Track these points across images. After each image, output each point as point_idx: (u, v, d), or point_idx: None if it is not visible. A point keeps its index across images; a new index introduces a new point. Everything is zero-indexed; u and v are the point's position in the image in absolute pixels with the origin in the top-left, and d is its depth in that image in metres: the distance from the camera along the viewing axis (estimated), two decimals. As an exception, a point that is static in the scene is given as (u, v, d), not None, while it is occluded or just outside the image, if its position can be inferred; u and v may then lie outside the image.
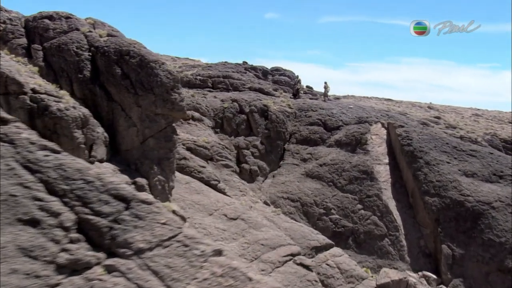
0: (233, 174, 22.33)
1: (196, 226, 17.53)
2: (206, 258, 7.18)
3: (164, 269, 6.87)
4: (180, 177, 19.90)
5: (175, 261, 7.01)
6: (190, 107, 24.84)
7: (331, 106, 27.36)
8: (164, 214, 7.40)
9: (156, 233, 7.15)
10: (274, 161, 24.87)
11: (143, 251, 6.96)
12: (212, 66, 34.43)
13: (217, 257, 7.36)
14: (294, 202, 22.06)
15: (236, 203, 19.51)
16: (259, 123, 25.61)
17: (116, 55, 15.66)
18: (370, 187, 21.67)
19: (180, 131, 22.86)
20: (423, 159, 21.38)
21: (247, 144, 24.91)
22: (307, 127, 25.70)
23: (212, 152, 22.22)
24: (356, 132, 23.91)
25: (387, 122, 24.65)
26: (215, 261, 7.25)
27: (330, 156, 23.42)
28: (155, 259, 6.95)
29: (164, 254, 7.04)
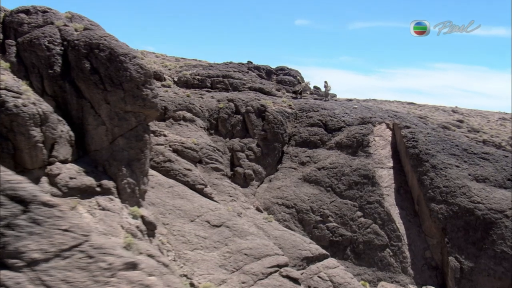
0: (223, 178, 21.27)
1: (174, 233, 16.56)
2: (114, 273, 6.15)
3: (60, 285, 5.87)
4: (164, 180, 19.01)
5: (76, 275, 6.00)
6: (182, 107, 24.01)
7: (334, 106, 26.05)
8: (68, 219, 6.40)
9: (55, 242, 6.16)
10: (271, 165, 23.72)
11: (37, 263, 5.97)
12: (213, 66, 33.60)
13: (129, 271, 6.33)
14: (289, 208, 20.84)
15: (222, 209, 18.45)
16: (255, 124, 24.52)
17: (86, 48, 14.87)
18: (371, 192, 20.26)
19: (170, 132, 22.03)
20: (429, 162, 19.85)
21: (242, 146, 23.85)
22: (307, 129, 24.46)
23: (201, 154, 21.24)
24: (358, 134, 22.53)
25: (392, 122, 23.17)
26: (125, 276, 6.21)
27: (330, 159, 22.12)
28: (51, 272, 5.95)
29: (62, 266, 6.03)
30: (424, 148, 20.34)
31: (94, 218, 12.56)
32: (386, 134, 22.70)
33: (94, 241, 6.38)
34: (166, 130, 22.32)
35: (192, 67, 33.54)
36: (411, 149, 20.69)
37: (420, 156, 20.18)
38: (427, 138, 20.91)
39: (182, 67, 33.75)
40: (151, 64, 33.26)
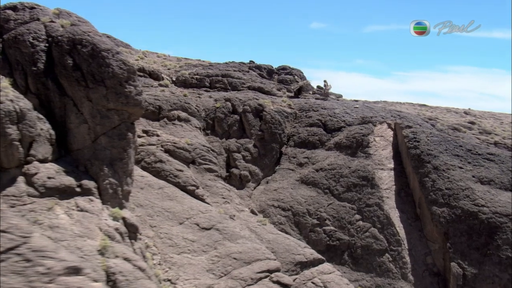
0: (217, 179, 20.80)
1: (161, 236, 16.12)
2: (53, 278, 5.69)
3: (-8, 291, 5.41)
4: (154, 181, 18.61)
5: (10, 280, 5.54)
6: (177, 106, 23.63)
7: (335, 105, 25.43)
8: (6, 219, 5.96)
9: (-11, 243, 5.72)
10: (268, 166, 23.18)
11: (-32, 267, 5.53)
12: (213, 65, 33.22)
13: (70, 276, 5.86)
14: (285, 211, 20.28)
15: (213, 211, 17.97)
16: (252, 124, 24.02)
17: (69, 44, 14.52)
18: (370, 195, 19.61)
19: (163, 132, 21.65)
20: (431, 163, 19.13)
21: (239, 147, 23.37)
22: (306, 129, 23.89)
23: (195, 154, 20.80)
24: (358, 134, 21.88)
25: (394, 122, 22.47)
26: (65, 282, 5.75)
27: (328, 160, 21.51)
28: (-17, 277, 5.50)
29: (-4, 270, 5.58)
30: (426, 148, 19.62)
31: (71, 220, 12.15)
32: (387, 134, 22.02)
33: (34, 244, 5.94)
34: (160, 130, 21.94)
35: (192, 66, 33.21)
36: (412, 150, 19.98)
37: (421, 157, 19.46)
38: (429, 138, 20.18)
39: (182, 66, 33.43)
40: (150, 63, 33.03)
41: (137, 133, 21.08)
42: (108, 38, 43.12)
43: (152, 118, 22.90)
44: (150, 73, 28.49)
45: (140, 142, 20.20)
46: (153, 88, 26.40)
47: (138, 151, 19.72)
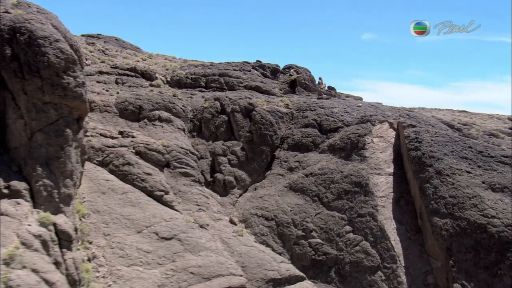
0: (194, 184, 19.49)
1: (113, 245, 14.94)
2: None
3: None
4: (119, 185, 17.54)
5: None
6: (160, 106, 22.63)
7: (335, 104, 23.61)
8: None
9: None
10: (257, 171, 21.64)
11: None
12: (214, 65, 32.17)
13: None
14: (268, 221, 18.66)
15: (178, 220, 16.67)
16: (241, 125, 22.61)
17: (9, 33, 13.73)
18: (363, 203, 17.69)
19: (141, 133, 20.65)
20: (434, 167, 17.00)
21: (225, 149, 22.00)
22: (300, 130, 22.22)
23: (170, 157, 19.62)
24: (353, 134, 20.00)
25: (397, 121, 20.41)
26: None
27: (320, 164, 19.75)
28: None
29: None
30: (428, 150, 17.51)
31: (-15, 224, 11.20)
32: (388, 134, 19.99)
33: None
34: (138, 131, 20.96)
35: (193, 67, 32.28)
36: (412, 152, 17.92)
37: (422, 160, 17.36)
38: (433, 138, 18.04)
39: (183, 67, 32.58)
40: (150, 64, 32.37)
41: (112, 133, 20.21)
42: (117, 40, 43.22)
43: (132, 118, 21.99)
44: (143, 73, 27.73)
45: (111, 143, 19.26)
46: (142, 88, 25.57)
47: (107, 153, 18.81)
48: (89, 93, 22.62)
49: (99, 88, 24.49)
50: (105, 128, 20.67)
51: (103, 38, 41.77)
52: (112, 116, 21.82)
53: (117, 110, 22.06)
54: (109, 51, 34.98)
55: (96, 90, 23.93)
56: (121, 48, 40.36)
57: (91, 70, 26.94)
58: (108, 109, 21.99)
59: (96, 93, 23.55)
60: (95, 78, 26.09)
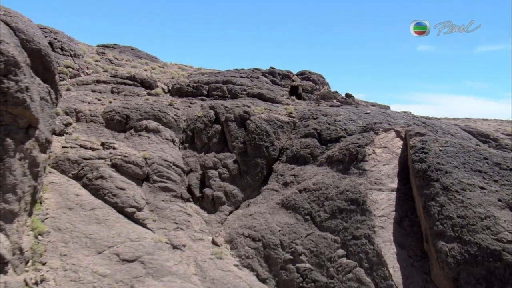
0: (174, 200, 18.39)
1: (67, 267, 13.98)
2: None
3: None
4: (89, 201, 16.72)
5: None
6: (148, 116, 21.84)
7: (340, 112, 21.92)
8: None
9: None
10: (251, 186, 20.28)
11: None
12: (220, 73, 31.26)
13: None
14: (255, 241, 17.21)
15: (148, 240, 15.56)
16: (235, 136, 21.40)
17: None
18: (359, 223, 15.90)
19: (125, 145, 19.88)
20: (440, 181, 14.99)
21: (216, 162, 20.83)
22: (300, 140, 20.73)
23: (150, 170, 18.65)
24: (352, 145, 18.27)
25: (405, 130, 18.49)
26: None
27: (315, 178, 18.14)
28: None
29: None
30: (434, 162, 15.53)
31: None
32: (394, 144, 18.11)
33: None
34: (121, 142, 20.19)
35: (200, 75, 31.53)
36: (417, 164, 15.98)
37: (427, 174, 15.40)
38: (442, 148, 16.03)
39: (190, 75, 31.91)
40: (157, 73, 31.92)
41: (94, 145, 19.50)
42: (133, 50, 43.38)
43: (118, 128, 21.32)
44: (142, 82, 27.22)
45: (89, 155, 18.54)
46: (137, 98, 24.97)
47: (83, 165, 18.09)
48: (79, 102, 22.17)
49: (91, 97, 24.07)
50: (88, 139, 20.05)
51: (119, 48, 42.05)
52: (98, 126, 21.22)
53: (104, 120, 21.47)
54: (118, 60, 34.90)
55: (87, 100, 23.51)
56: (136, 57, 40.38)
57: (88, 79, 26.69)
58: (94, 119, 21.42)
59: (87, 103, 23.12)
60: (91, 87, 25.77)
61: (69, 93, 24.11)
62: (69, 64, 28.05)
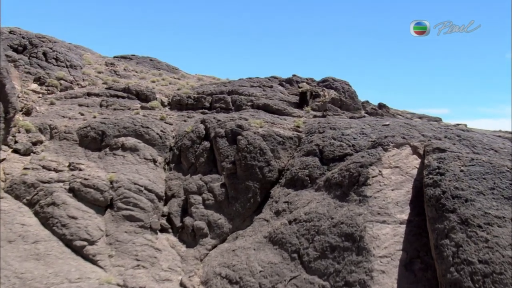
0: (141, 231, 16.61)
1: (-19, 314, 12.49)
2: None
3: None
4: (34, 232, 15.37)
5: None
6: (128, 132, 20.44)
7: (352, 124, 19.30)
8: None
9: None
10: (241, 214, 18.15)
11: None
12: (230, 82, 29.58)
13: None
14: (231, 284, 15.01)
15: (91, 280, 13.83)
16: (225, 154, 19.42)
17: None
18: (354, 266, 13.27)
19: (95, 165, 18.55)
20: (458, 213, 12.12)
21: (201, 186, 18.93)
22: (301, 159, 18.41)
23: (115, 196, 17.06)
24: (354, 164, 15.67)
25: (424, 144, 15.64)
26: None
27: (308, 207, 15.73)
28: None
29: None
30: (451, 186, 12.67)
31: None
32: (409, 164, 15.30)
33: None
34: (93, 162, 18.84)
35: (211, 85, 30.05)
36: (429, 189, 13.17)
37: (441, 202, 12.56)
38: (465, 168, 13.11)
39: (201, 86, 30.49)
40: (163, 84, 30.84)
41: (60, 166, 18.25)
42: (151, 61, 43.01)
43: (93, 147, 20.06)
44: (138, 94, 26.07)
45: (48, 178, 17.29)
46: (126, 111, 23.76)
47: (38, 190, 16.82)
48: (59, 118, 21.20)
49: (75, 112, 23.11)
50: (55, 159, 18.88)
51: (136, 59, 41.80)
52: (71, 144, 20.05)
53: (78, 137, 20.28)
54: (127, 72, 34.24)
55: (68, 115, 22.55)
56: (153, 68, 39.84)
57: (78, 92, 25.88)
58: (68, 136, 20.29)
59: (67, 118, 22.14)
60: (79, 101, 24.90)
61: (51, 108, 23.29)
62: (62, 75, 27.47)
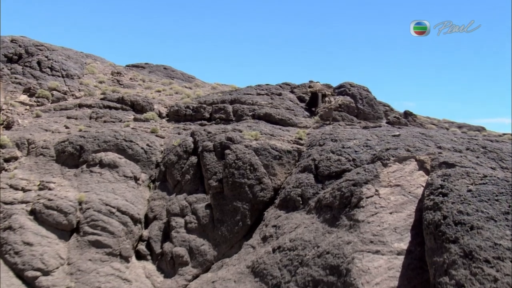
0: (108, 259, 15.56)
1: None
2: None
3: None
4: (-15, 260, 14.53)
5: None
6: (109, 146, 19.60)
7: (357, 134, 17.66)
8: None
9: None
10: (227, 239, 16.82)
11: None
12: (237, 90, 28.44)
13: None
14: (204, 323, 13.70)
15: (36, 317, 12.81)
16: (212, 171, 18.18)
17: None
18: (339, 306, 11.68)
19: (68, 184, 17.84)
20: (461, 243, 10.32)
21: (184, 207, 17.76)
22: (296, 176, 16.96)
23: (82, 218, 16.11)
24: (346, 183, 14.05)
25: (432, 158, 13.85)
26: None
27: (295, 232, 14.24)
28: None
29: None
30: (454, 210, 10.88)
31: None
32: (413, 181, 13.52)
33: None
34: (68, 180, 18.05)
35: (218, 94, 29.08)
36: (429, 213, 11.41)
37: (441, 229, 10.79)
38: (474, 187, 11.27)
39: (207, 95, 29.58)
40: (170, 94, 30.13)
41: (29, 185, 17.60)
42: (165, 69, 42.71)
43: (70, 163, 19.30)
44: (133, 105, 25.30)
45: (11, 199, 16.57)
46: (117, 124, 23.00)
47: (-1, 212, 16.09)
48: (40, 131, 20.69)
49: (60, 125, 22.56)
50: (26, 177, 18.19)
51: (149, 68, 41.59)
52: (47, 160, 19.36)
53: (55, 152, 19.58)
54: (133, 81, 33.77)
55: (52, 128, 21.98)
56: (167, 77, 39.47)
57: (70, 104, 25.43)
58: (45, 151, 19.62)
59: (50, 132, 21.57)
60: (69, 112, 24.44)
61: (36, 120, 22.82)
62: (55, 86, 27.13)
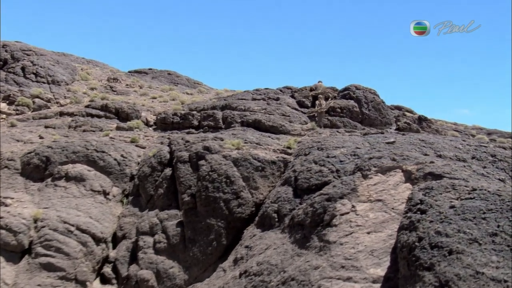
0: (62, 284, 14.73)
1: None
2: None
3: None
4: None
5: None
6: (78, 158, 18.92)
7: (346, 142, 16.40)
8: None
9: None
10: (199, 261, 15.80)
11: None
12: (234, 95, 27.53)
13: None
14: None
15: None
16: (187, 184, 17.23)
17: None
18: None
19: (29, 199, 17.23)
20: (436, 271, 8.95)
21: (154, 225, 16.85)
22: (277, 190, 15.89)
23: (36, 238, 15.37)
24: (320, 197, 12.87)
25: (417, 168, 12.53)
26: None
27: (264, 254, 13.10)
28: None
29: None
30: (431, 230, 9.52)
31: None
32: (397, 195, 12.18)
33: None
34: (31, 195, 17.43)
35: (208, 100, 28.33)
36: (404, 233, 10.15)
37: (415, 254, 9.49)
38: (458, 202, 9.88)
39: (202, 101, 28.85)
40: (166, 101, 29.55)
41: (-12, 201, 17.03)
42: (169, 75, 42.35)
43: (35, 176, 18.68)
44: (118, 112, 24.66)
45: (-36, 216, 15.94)
46: (98, 133, 22.34)
47: None
48: (12, 142, 20.20)
49: (34, 134, 22.07)
50: (-14, 192, 17.60)
51: (152, 73, 41.29)
52: (12, 174, 18.78)
53: (21, 165, 19.00)
54: (128, 88, 33.32)
55: (24, 138, 21.48)
56: (170, 83, 39.11)
57: (50, 112, 25.02)
58: (11, 164, 19.06)
59: (22, 142, 21.06)
60: (47, 121, 24.06)
61: (9, 130, 22.38)
62: (38, 93, 26.78)
